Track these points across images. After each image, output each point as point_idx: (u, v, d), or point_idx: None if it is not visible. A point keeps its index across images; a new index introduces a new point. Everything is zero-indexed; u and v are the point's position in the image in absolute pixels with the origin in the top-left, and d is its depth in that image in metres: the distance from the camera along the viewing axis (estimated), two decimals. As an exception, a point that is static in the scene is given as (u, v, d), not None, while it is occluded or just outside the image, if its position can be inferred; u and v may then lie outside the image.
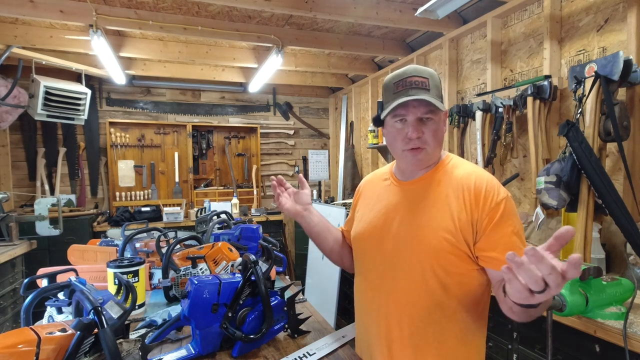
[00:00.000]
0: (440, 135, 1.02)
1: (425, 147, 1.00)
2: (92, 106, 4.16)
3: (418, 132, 0.98)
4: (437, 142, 1.01)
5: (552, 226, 2.16)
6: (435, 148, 1.01)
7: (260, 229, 1.97)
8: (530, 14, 2.40)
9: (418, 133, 0.98)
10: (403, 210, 1.05)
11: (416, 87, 0.97)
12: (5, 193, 2.88)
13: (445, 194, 1.00)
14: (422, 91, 0.97)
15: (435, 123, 0.99)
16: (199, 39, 3.41)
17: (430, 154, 1.01)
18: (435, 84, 1.00)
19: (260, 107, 5.05)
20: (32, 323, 1.03)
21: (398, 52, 3.62)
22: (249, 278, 1.13)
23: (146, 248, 1.89)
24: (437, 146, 1.02)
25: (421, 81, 0.98)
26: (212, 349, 1.09)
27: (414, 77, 0.98)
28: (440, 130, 1.01)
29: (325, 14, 2.71)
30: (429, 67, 1.21)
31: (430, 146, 1.00)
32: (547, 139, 2.15)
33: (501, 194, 0.96)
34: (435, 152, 1.02)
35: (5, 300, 2.58)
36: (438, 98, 0.99)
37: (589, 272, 1.26)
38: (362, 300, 1.14)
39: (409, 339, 1.00)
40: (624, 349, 1.18)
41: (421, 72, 1.00)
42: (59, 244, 3.31)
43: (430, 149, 1.00)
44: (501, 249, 0.93)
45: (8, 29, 3.10)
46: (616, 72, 1.66)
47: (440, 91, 1.02)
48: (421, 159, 1.01)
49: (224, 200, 4.39)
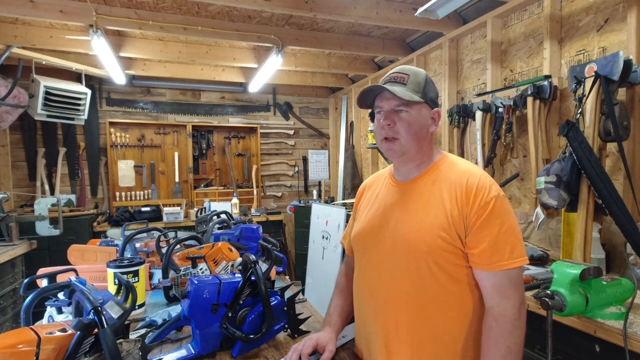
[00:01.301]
0: (416, 129, 1.02)
1: (398, 138, 1.02)
2: (92, 106, 4.16)
3: (389, 121, 1.02)
4: (411, 135, 1.02)
5: (552, 226, 2.16)
6: (410, 140, 1.02)
7: (260, 229, 1.98)
8: (530, 14, 2.40)
9: (389, 121, 1.02)
10: (399, 210, 1.06)
11: (393, 81, 1.03)
12: (5, 193, 2.88)
13: (440, 193, 1.01)
14: (398, 85, 1.01)
15: (410, 116, 1.01)
16: (199, 39, 3.41)
17: (404, 145, 1.02)
18: (417, 81, 1.03)
19: (260, 107, 5.05)
20: (32, 323, 1.03)
21: (398, 52, 3.63)
22: (249, 278, 1.13)
23: (146, 248, 1.89)
24: (413, 139, 1.02)
25: (401, 76, 1.03)
26: (212, 349, 1.09)
27: (396, 73, 1.04)
28: (417, 124, 1.02)
29: (325, 14, 2.71)
30: (429, 67, 1.22)
31: (404, 137, 1.02)
32: (547, 139, 2.15)
33: (492, 192, 0.96)
34: (411, 145, 1.03)
35: (5, 300, 2.58)
36: (415, 92, 1.01)
37: (589, 272, 1.26)
38: (361, 298, 1.15)
39: (405, 336, 1.00)
40: (624, 349, 1.17)
41: (406, 70, 1.05)
42: (59, 244, 3.31)
43: (404, 141, 1.02)
44: (484, 246, 0.94)
45: (8, 29, 3.10)
46: (616, 72, 1.66)
47: (422, 88, 1.03)
48: (394, 149, 1.04)
49: (224, 200, 4.39)
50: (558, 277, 1.28)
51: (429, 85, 1.05)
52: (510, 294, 0.94)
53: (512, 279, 0.95)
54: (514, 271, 0.94)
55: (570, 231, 1.82)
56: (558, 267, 1.31)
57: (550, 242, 2.16)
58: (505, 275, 0.94)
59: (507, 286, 0.94)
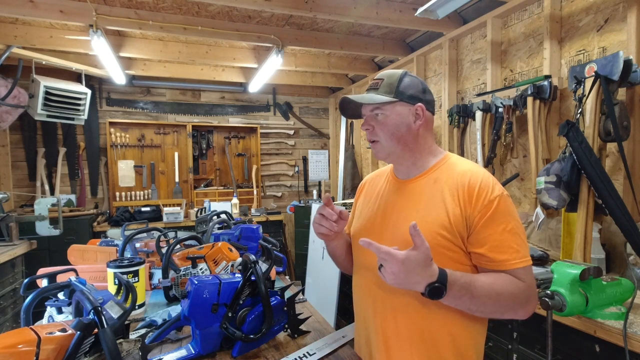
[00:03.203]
0: (392, 128, 1.04)
1: (378, 140, 1.07)
2: (92, 106, 4.16)
3: (367, 125, 1.08)
4: (389, 135, 1.05)
5: (552, 226, 2.16)
6: (389, 140, 1.05)
7: (260, 229, 1.98)
8: (530, 14, 2.40)
9: (367, 126, 1.08)
10: (400, 208, 1.06)
11: (370, 88, 1.08)
12: (5, 193, 2.88)
13: (442, 192, 1.01)
14: (373, 91, 1.06)
15: (384, 116, 1.05)
16: (199, 39, 3.41)
17: (385, 146, 1.06)
18: (389, 82, 1.05)
19: (260, 107, 5.05)
20: (32, 323, 1.03)
21: (398, 52, 3.63)
22: (249, 278, 1.13)
23: (146, 248, 1.89)
24: (392, 139, 1.05)
25: (375, 82, 1.08)
26: (212, 349, 1.09)
27: (373, 80, 1.09)
28: (390, 123, 1.04)
29: (325, 14, 2.71)
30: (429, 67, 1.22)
31: (382, 138, 1.05)
32: (547, 139, 2.15)
33: (495, 192, 0.96)
34: (391, 145, 1.05)
35: (5, 300, 2.58)
36: (386, 94, 1.04)
37: (589, 272, 1.26)
38: (360, 296, 1.15)
39: (405, 334, 1.00)
40: (624, 349, 1.18)
41: (382, 75, 1.09)
42: (59, 244, 3.31)
43: (384, 141, 1.06)
44: (489, 246, 0.93)
45: (8, 29, 3.10)
46: (616, 72, 1.66)
47: (394, 88, 1.04)
48: (378, 150, 1.09)
49: (224, 200, 4.39)
50: (558, 277, 1.28)
51: (405, 83, 1.05)
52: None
53: (520, 278, 0.94)
54: (521, 270, 0.93)
55: (570, 231, 1.82)
56: (558, 267, 1.31)
57: (550, 242, 2.16)
58: (512, 274, 0.93)
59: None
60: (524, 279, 0.93)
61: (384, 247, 0.82)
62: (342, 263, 1.26)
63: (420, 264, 0.82)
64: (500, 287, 0.91)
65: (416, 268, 0.82)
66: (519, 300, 0.92)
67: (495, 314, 0.94)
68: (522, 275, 0.93)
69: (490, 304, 0.90)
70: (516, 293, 0.91)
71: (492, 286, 0.90)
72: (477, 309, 0.92)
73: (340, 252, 1.22)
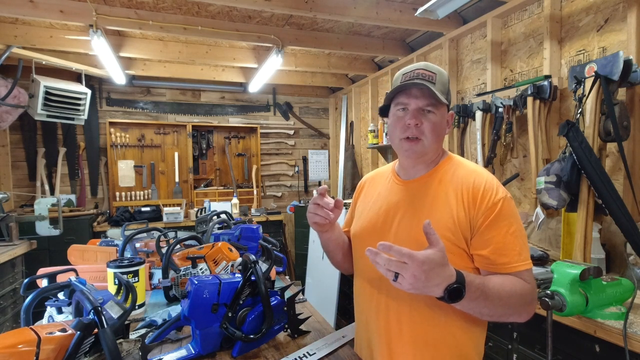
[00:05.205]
0: (439, 130, 1.01)
1: (422, 138, 1.00)
2: (92, 106, 4.16)
3: (417, 120, 0.99)
4: (435, 137, 1.01)
5: (552, 226, 2.16)
6: (432, 142, 1.01)
7: (260, 229, 1.98)
8: (530, 14, 2.40)
9: (416, 121, 0.99)
10: (404, 209, 1.05)
11: (422, 79, 0.99)
12: (5, 193, 2.88)
13: (445, 193, 1.00)
14: (427, 83, 0.98)
15: (436, 117, 1.00)
16: (199, 39, 3.41)
17: (426, 147, 1.01)
18: (442, 81, 1.01)
19: (260, 107, 5.05)
20: (32, 323, 1.03)
21: (398, 52, 3.62)
22: (249, 278, 1.13)
23: (146, 248, 1.89)
24: (435, 141, 1.02)
25: (428, 75, 1.00)
26: (212, 349, 1.09)
27: (422, 70, 1.00)
28: (440, 126, 1.01)
29: (325, 14, 2.71)
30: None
31: (428, 139, 1.00)
32: (547, 139, 2.15)
33: (499, 194, 0.96)
34: (432, 146, 1.02)
35: (5, 300, 2.58)
36: (442, 94, 0.99)
37: (589, 272, 1.26)
38: (362, 298, 1.14)
39: (408, 337, 1.00)
40: (624, 349, 1.18)
41: (431, 67, 1.02)
42: (59, 244, 3.30)
43: (427, 142, 1.00)
44: (492, 248, 0.93)
45: (8, 29, 3.10)
46: (616, 72, 1.66)
47: (447, 89, 1.02)
48: (416, 150, 1.01)
49: (224, 200, 4.39)
50: (558, 277, 1.28)
51: (448, 84, 1.05)
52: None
53: (526, 280, 0.94)
54: (523, 273, 0.93)
55: (570, 231, 1.82)
56: (558, 267, 1.31)
57: (550, 242, 2.16)
58: (519, 276, 0.93)
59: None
60: (530, 281, 0.93)
61: (406, 249, 0.75)
62: (334, 258, 1.23)
63: (439, 264, 0.77)
64: (510, 288, 0.90)
65: (435, 268, 0.76)
66: (525, 302, 0.92)
67: (502, 317, 0.92)
68: (527, 277, 0.93)
69: (500, 306, 0.89)
70: (523, 294, 0.91)
71: (502, 287, 0.89)
72: (488, 312, 0.89)
73: (334, 246, 1.18)
